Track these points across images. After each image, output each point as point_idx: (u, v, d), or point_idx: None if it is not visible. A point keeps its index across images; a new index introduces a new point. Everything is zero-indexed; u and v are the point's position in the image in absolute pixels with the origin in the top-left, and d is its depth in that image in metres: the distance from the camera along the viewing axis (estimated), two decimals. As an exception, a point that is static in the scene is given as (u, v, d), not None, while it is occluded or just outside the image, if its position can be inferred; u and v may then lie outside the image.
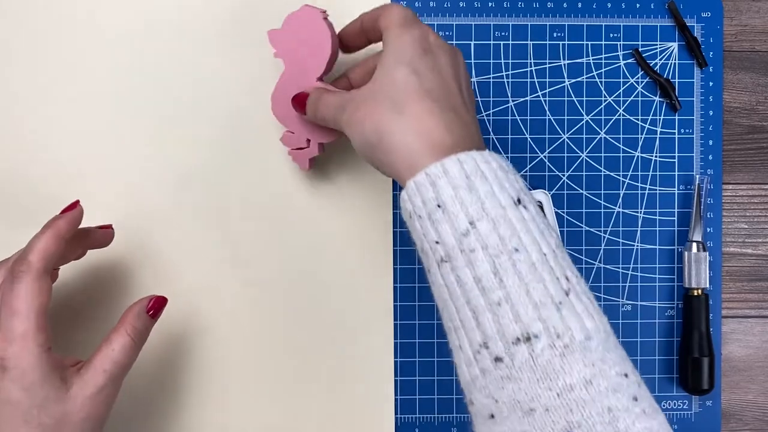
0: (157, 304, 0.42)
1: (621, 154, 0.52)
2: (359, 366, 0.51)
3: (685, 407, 0.52)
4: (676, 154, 0.52)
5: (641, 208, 0.52)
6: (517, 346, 0.30)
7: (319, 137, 0.47)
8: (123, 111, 0.50)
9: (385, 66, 0.36)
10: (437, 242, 0.32)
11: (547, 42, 0.52)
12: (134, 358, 0.41)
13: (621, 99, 0.52)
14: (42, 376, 0.37)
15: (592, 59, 0.52)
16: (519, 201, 0.32)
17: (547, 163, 0.52)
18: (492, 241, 0.31)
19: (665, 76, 0.52)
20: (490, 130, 0.52)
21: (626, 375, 0.30)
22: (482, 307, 0.31)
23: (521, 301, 0.30)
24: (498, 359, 0.31)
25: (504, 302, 0.31)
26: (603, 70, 0.52)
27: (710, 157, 0.52)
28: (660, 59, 0.52)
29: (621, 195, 0.52)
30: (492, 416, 0.31)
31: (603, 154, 0.52)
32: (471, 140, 0.34)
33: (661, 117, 0.52)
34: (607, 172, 0.52)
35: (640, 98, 0.52)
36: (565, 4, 0.52)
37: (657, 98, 0.52)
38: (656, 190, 0.52)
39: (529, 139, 0.52)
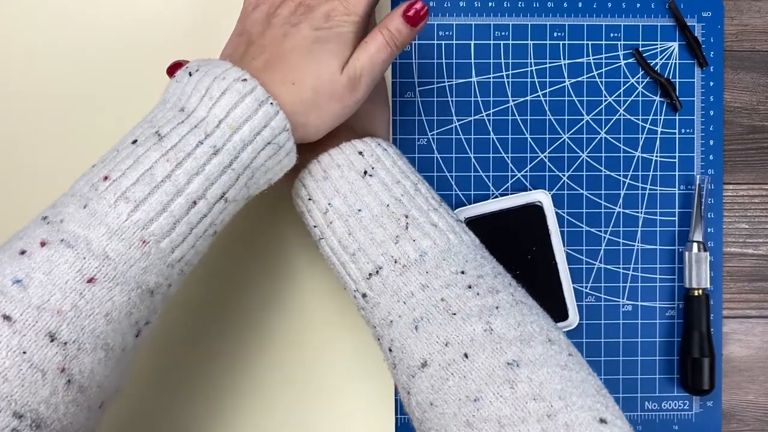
0: (410, 11, 0.41)
1: (621, 154, 0.52)
2: (359, 366, 0.51)
3: (685, 407, 0.52)
4: (677, 154, 0.52)
5: (642, 208, 0.52)
6: (372, 279, 0.39)
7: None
8: (123, 111, 0.50)
9: None
10: (315, 226, 0.42)
11: (548, 42, 0.52)
12: (384, 60, 0.42)
13: (621, 99, 0.52)
14: (352, 46, 0.41)
15: (593, 59, 0.52)
16: (365, 173, 0.41)
17: (548, 163, 0.52)
18: (343, 210, 0.40)
19: (666, 75, 0.52)
20: (491, 129, 0.52)
21: (462, 272, 0.38)
22: (347, 261, 0.40)
23: (368, 245, 0.39)
24: (364, 295, 0.40)
25: (358, 251, 0.40)
26: (603, 69, 0.52)
27: (711, 157, 0.52)
28: (660, 59, 0.52)
29: (621, 195, 0.52)
30: (378, 340, 0.40)
31: (603, 154, 0.52)
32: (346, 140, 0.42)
33: (662, 117, 0.52)
34: (608, 172, 0.52)
35: (640, 98, 0.52)
36: (565, 4, 0.52)
37: (657, 98, 0.52)
38: (657, 190, 0.52)
39: (529, 139, 0.52)
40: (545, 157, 0.52)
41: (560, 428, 0.32)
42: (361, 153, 0.41)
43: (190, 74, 0.39)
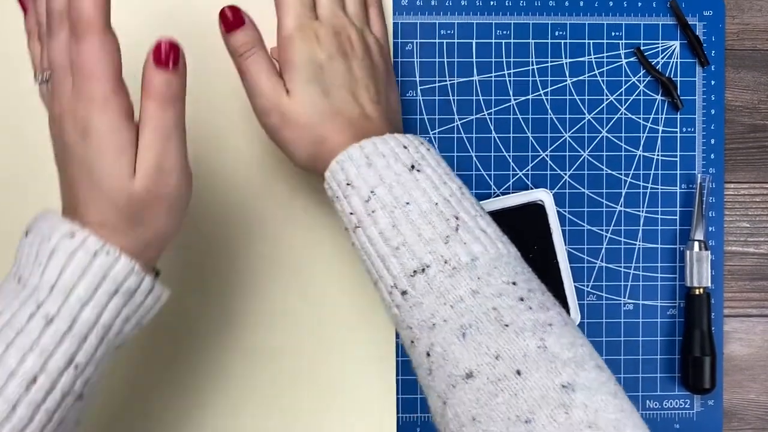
0: (159, 54, 0.36)
1: (623, 153, 0.52)
2: (361, 365, 0.51)
3: (686, 406, 0.52)
4: (678, 153, 0.52)
5: (643, 207, 0.52)
6: (416, 277, 0.37)
7: None
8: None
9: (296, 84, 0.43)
10: (351, 213, 0.39)
11: (549, 40, 0.52)
12: (172, 126, 0.37)
13: (623, 98, 0.52)
14: (123, 146, 0.36)
15: (594, 58, 0.52)
16: (413, 167, 0.39)
17: (549, 161, 0.52)
18: (388, 201, 0.38)
19: (667, 74, 0.52)
20: (492, 128, 0.52)
21: (514, 283, 0.36)
22: (387, 254, 0.38)
23: (414, 241, 0.37)
24: (404, 293, 0.37)
25: (402, 246, 0.37)
26: (605, 68, 0.52)
27: (712, 156, 0.52)
28: (662, 58, 0.52)
29: (623, 194, 0.52)
30: (412, 342, 0.37)
31: (605, 153, 0.52)
32: (380, 132, 0.41)
33: (663, 116, 0.52)
34: (609, 171, 0.52)
35: (641, 97, 0.52)
36: (567, 3, 0.52)
37: (659, 97, 0.52)
38: (658, 188, 0.52)
39: (530, 137, 0.52)
40: (547, 155, 0.52)
41: None
42: (406, 147, 0.40)
43: (26, 234, 0.37)
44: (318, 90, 0.42)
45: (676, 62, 0.52)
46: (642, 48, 0.52)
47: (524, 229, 0.51)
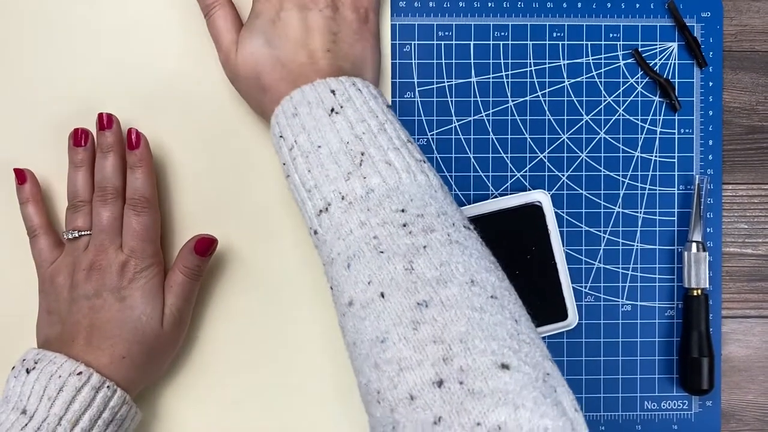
0: (201, 246, 0.47)
1: (621, 154, 0.52)
2: (359, 366, 0.51)
3: (684, 407, 0.52)
4: (676, 154, 0.52)
5: (641, 208, 0.52)
6: (321, 216, 0.39)
7: None
8: (129, 112, 0.50)
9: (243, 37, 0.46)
10: (284, 163, 0.41)
11: (547, 42, 0.52)
12: (193, 290, 0.48)
13: (621, 99, 0.52)
14: (159, 293, 0.46)
15: (592, 59, 0.52)
16: (332, 110, 0.40)
17: (547, 163, 0.52)
18: (306, 147, 0.40)
19: (665, 76, 0.52)
20: (490, 130, 0.52)
21: (403, 210, 0.37)
22: (305, 198, 0.40)
23: (322, 182, 0.39)
24: (315, 232, 0.39)
25: (313, 188, 0.39)
26: (603, 70, 0.52)
27: (710, 157, 0.52)
28: (660, 59, 0.52)
29: (621, 195, 0.52)
30: (327, 278, 0.39)
31: (603, 154, 0.52)
32: (318, 76, 0.43)
33: (661, 117, 0.52)
34: (607, 172, 0.52)
35: (639, 98, 0.52)
36: (564, 4, 0.52)
37: (657, 98, 0.52)
38: (656, 190, 0.52)
39: (528, 139, 0.52)
40: (544, 157, 0.52)
41: (454, 373, 0.31)
42: (333, 91, 0.41)
43: (28, 372, 0.42)
44: (261, 41, 0.44)
45: (674, 64, 0.52)
46: (640, 49, 0.52)
47: (522, 230, 0.51)
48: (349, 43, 0.45)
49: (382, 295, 0.35)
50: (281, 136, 0.42)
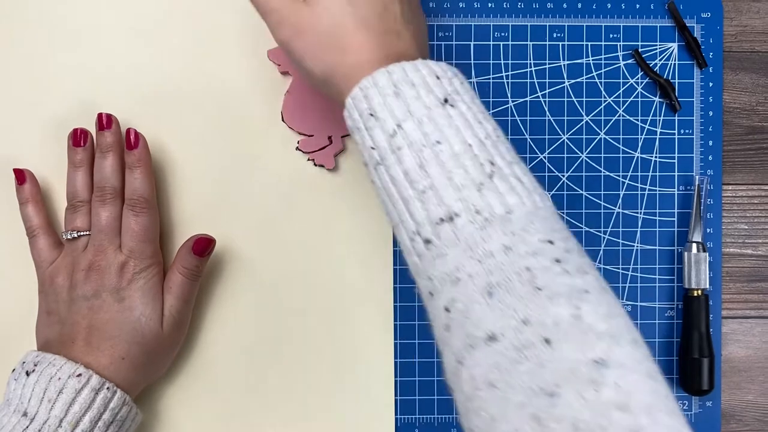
0: (199, 246, 0.47)
1: (621, 155, 0.52)
2: (359, 367, 0.51)
3: (684, 408, 0.52)
4: (676, 155, 0.52)
5: (641, 209, 0.52)
6: (442, 226, 0.33)
7: (341, 130, 0.48)
8: (129, 112, 0.50)
9: None
10: (373, 148, 0.36)
11: (547, 43, 0.52)
12: (192, 291, 0.48)
13: (621, 99, 0.52)
14: (158, 293, 0.46)
15: (592, 60, 0.52)
16: (446, 101, 0.35)
17: (547, 163, 0.52)
18: (416, 138, 0.34)
19: (665, 76, 0.52)
20: (490, 130, 0.52)
21: (551, 242, 0.33)
22: (412, 198, 0.34)
23: (443, 186, 0.34)
24: (428, 241, 0.34)
25: (429, 189, 0.34)
26: (603, 70, 0.52)
27: (710, 158, 0.52)
28: (660, 60, 0.52)
29: (621, 196, 0.52)
30: (431, 293, 0.35)
31: (603, 155, 0.52)
32: (410, 55, 0.38)
33: (661, 117, 0.52)
34: (607, 173, 0.52)
35: (639, 99, 0.52)
36: (564, 5, 0.52)
37: (657, 99, 0.52)
38: (656, 190, 0.52)
39: (528, 139, 0.52)
40: (545, 157, 0.52)
41: None
42: (438, 78, 0.36)
43: (27, 374, 0.42)
44: None
45: (674, 64, 0.52)
46: (640, 50, 0.52)
47: None
48: (415, 21, 0.40)
49: (547, 342, 0.30)
50: (373, 115, 0.36)
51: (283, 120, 0.50)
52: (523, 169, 0.35)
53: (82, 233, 0.46)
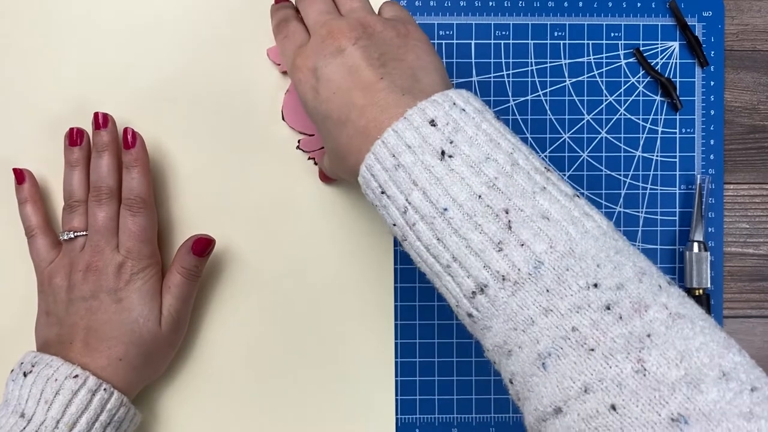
0: (199, 246, 0.47)
1: (622, 154, 0.52)
2: (359, 367, 0.51)
3: (686, 408, 0.52)
4: (678, 154, 0.52)
5: (642, 208, 0.52)
6: (476, 299, 0.31)
7: None
8: (128, 112, 0.50)
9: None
10: (393, 224, 0.34)
11: (548, 41, 0.52)
12: (191, 291, 0.48)
13: (622, 98, 0.52)
14: (156, 294, 0.46)
15: (593, 58, 0.52)
16: (443, 153, 0.32)
17: (548, 162, 0.52)
18: (425, 210, 0.32)
19: (666, 75, 0.52)
20: (491, 129, 0.52)
21: (596, 285, 0.29)
22: (441, 273, 0.32)
23: (464, 256, 0.31)
24: (470, 315, 0.32)
25: (452, 263, 0.32)
26: (604, 69, 0.52)
27: (711, 157, 0.52)
28: (661, 58, 0.52)
29: (622, 195, 0.52)
30: (494, 363, 0.33)
31: (604, 154, 0.52)
32: (392, 93, 0.35)
33: (662, 116, 0.52)
34: (608, 172, 0.52)
35: (641, 98, 0.52)
36: (566, 3, 0.52)
37: (658, 98, 0.52)
38: (657, 189, 0.52)
39: (529, 138, 0.52)
40: (546, 156, 0.52)
41: None
42: (433, 123, 0.33)
43: (25, 375, 0.42)
44: (313, 114, 0.39)
45: (676, 63, 0.52)
46: (641, 49, 0.52)
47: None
48: (399, 57, 0.37)
49: (614, 408, 0.27)
50: (384, 193, 0.34)
51: (283, 119, 0.50)
52: (549, 195, 0.31)
53: (79, 233, 0.46)
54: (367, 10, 0.39)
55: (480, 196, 0.31)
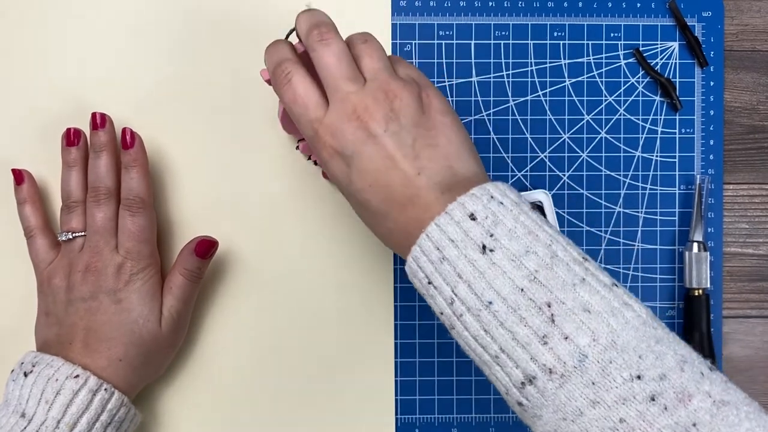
0: (202, 248, 0.47)
1: (622, 154, 0.52)
2: (359, 366, 0.51)
3: (685, 408, 0.52)
4: (677, 154, 0.52)
5: (642, 208, 0.52)
6: (526, 389, 0.32)
7: None
8: (127, 112, 0.50)
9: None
10: (441, 313, 0.35)
11: (548, 41, 0.52)
12: (193, 293, 0.48)
13: (622, 99, 0.52)
14: (156, 294, 0.46)
15: (593, 59, 0.52)
16: (484, 247, 0.33)
17: (548, 162, 0.52)
18: (471, 303, 0.33)
19: (666, 75, 0.52)
20: (491, 129, 0.52)
21: (639, 377, 0.30)
22: (490, 362, 0.33)
23: (511, 348, 0.32)
24: (520, 404, 0.33)
25: (501, 353, 0.32)
26: (604, 69, 0.52)
27: (711, 157, 0.52)
28: (661, 59, 0.52)
29: (622, 195, 0.52)
30: None
31: (604, 154, 0.52)
32: (431, 191, 0.35)
33: (662, 117, 0.52)
34: (608, 172, 0.52)
35: (640, 98, 0.52)
36: (565, 4, 0.52)
37: (658, 98, 0.52)
38: (657, 189, 0.52)
39: (529, 138, 0.52)
40: (545, 156, 0.52)
41: None
42: (473, 217, 0.33)
43: (25, 375, 0.43)
44: (351, 201, 0.38)
45: (675, 63, 0.52)
46: (641, 49, 0.52)
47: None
48: (431, 143, 0.36)
49: None
50: (431, 283, 0.35)
51: (283, 128, 0.49)
52: (589, 287, 0.32)
53: (77, 234, 0.46)
54: (389, 71, 0.37)
55: (522, 290, 0.32)
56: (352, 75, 0.37)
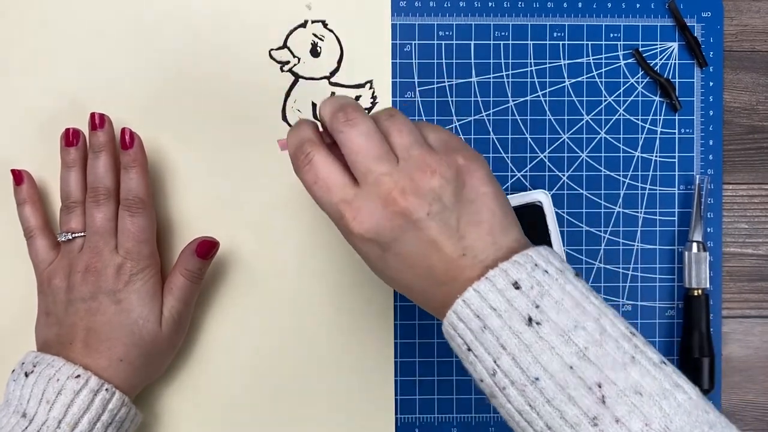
0: (203, 248, 0.47)
1: (621, 154, 0.52)
2: (359, 366, 0.51)
3: (685, 407, 0.52)
4: (677, 154, 0.52)
5: (641, 208, 0.52)
6: None
7: None
8: (126, 113, 0.50)
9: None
10: (481, 380, 0.34)
11: (548, 42, 0.52)
12: (194, 293, 0.47)
13: (621, 99, 0.52)
14: (156, 295, 0.46)
15: (593, 59, 0.52)
16: (530, 319, 0.32)
17: (547, 163, 0.52)
18: (516, 376, 0.32)
19: (665, 76, 0.52)
20: (491, 129, 0.52)
21: None
22: None
23: (559, 426, 0.31)
24: None
25: (547, 429, 0.31)
26: (603, 70, 0.52)
27: (710, 157, 0.52)
28: (660, 59, 0.52)
29: (621, 195, 0.52)
30: None
31: (603, 154, 0.52)
32: (475, 269, 0.34)
33: (662, 117, 0.52)
34: (608, 172, 0.52)
35: (640, 98, 0.52)
36: (565, 4, 0.52)
37: (657, 98, 0.52)
38: (656, 190, 0.52)
39: (529, 139, 0.52)
40: (545, 157, 0.52)
41: None
42: (517, 285, 0.32)
43: (26, 375, 0.42)
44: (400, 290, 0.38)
45: (675, 63, 0.52)
46: (640, 49, 0.52)
47: (522, 230, 0.51)
48: (475, 219, 0.34)
49: None
50: (470, 350, 0.33)
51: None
52: (640, 366, 0.31)
53: (77, 234, 0.46)
54: (422, 145, 0.35)
55: (572, 367, 0.31)
56: (383, 154, 0.35)
